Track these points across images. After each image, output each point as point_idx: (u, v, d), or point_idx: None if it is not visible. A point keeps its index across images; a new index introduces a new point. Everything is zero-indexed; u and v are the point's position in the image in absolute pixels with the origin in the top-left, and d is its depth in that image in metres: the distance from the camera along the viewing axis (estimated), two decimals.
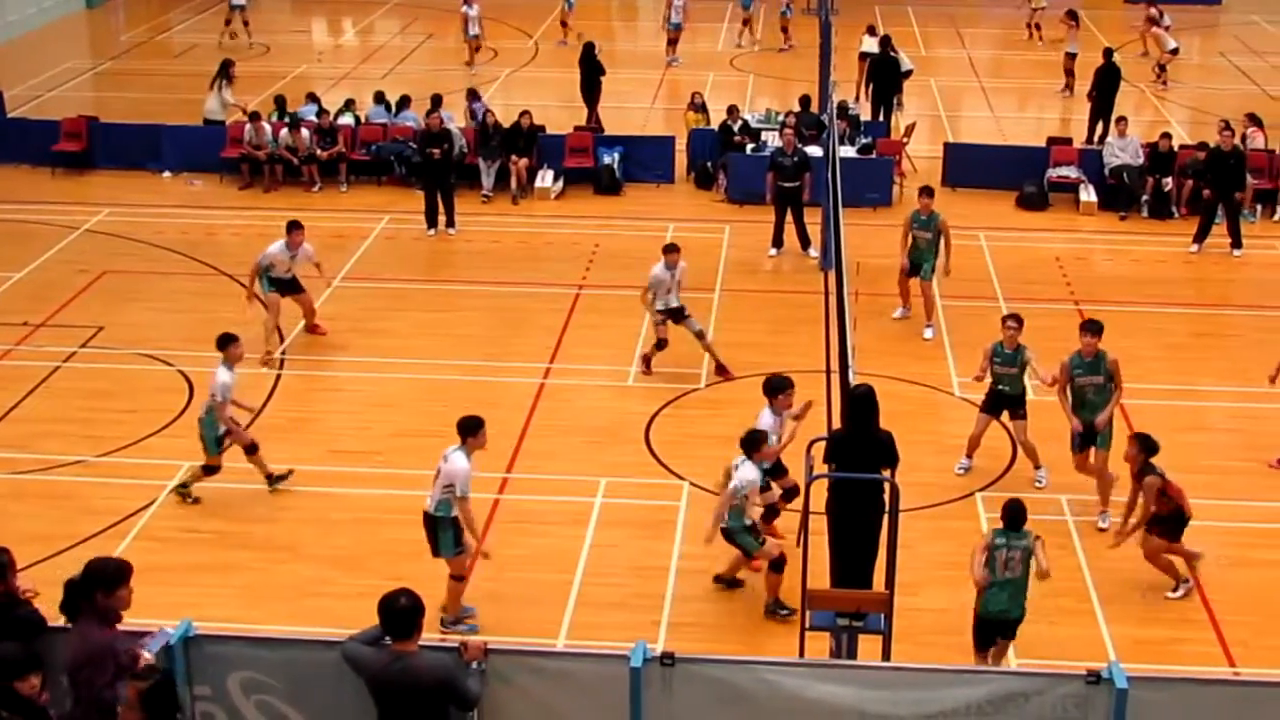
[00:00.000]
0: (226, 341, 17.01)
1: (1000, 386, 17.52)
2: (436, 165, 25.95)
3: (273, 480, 17.41)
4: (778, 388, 15.83)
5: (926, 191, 22.01)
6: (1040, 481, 17.70)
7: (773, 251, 25.00)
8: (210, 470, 17.08)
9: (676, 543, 16.41)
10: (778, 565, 14.80)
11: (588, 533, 16.59)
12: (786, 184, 24.69)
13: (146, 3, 47.46)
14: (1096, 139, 30.26)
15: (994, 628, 13.68)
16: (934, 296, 21.99)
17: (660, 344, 20.24)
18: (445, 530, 14.48)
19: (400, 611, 9.69)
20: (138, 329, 21.67)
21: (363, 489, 17.45)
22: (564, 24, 41.34)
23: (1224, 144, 25.54)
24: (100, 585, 9.92)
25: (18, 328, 21.83)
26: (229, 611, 14.63)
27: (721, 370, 20.38)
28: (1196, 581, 15.58)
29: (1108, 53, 31.97)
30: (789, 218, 24.85)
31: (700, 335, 20.36)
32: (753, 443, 14.84)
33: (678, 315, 20.21)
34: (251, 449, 17.27)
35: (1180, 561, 15.53)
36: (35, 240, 25.45)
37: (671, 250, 20.16)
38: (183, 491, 17.18)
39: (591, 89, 32.27)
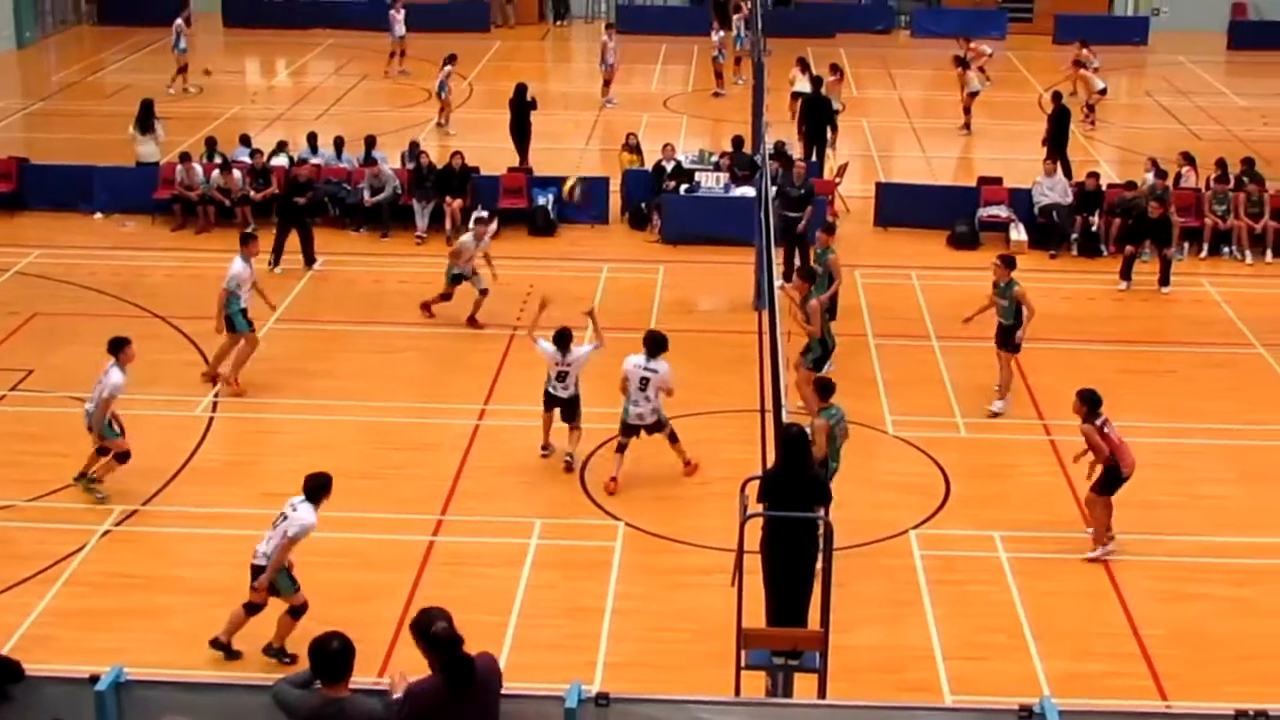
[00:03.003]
0: (120, 345, 17.88)
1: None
2: (300, 209, 26.23)
3: (87, 479, 17.99)
4: None
5: (824, 227, 22.94)
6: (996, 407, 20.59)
7: (781, 283, 24.96)
8: (122, 457, 17.81)
9: (612, 583, 16.43)
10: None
11: (523, 573, 16.57)
12: (790, 213, 25.01)
13: (79, 43, 47.29)
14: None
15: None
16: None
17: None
18: None
19: (332, 655, 9.61)
20: (69, 371, 21.46)
21: None
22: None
23: (1153, 213, 25.81)
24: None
25: None
26: (161, 656, 14.51)
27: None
28: None
29: (1057, 96, 32.48)
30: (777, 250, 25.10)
31: None
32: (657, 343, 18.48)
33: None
34: (121, 457, 17.88)
35: None
36: None
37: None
38: (89, 485, 17.92)
39: (522, 130, 32.24)
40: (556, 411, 19.16)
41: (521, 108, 32.13)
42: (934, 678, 14.82)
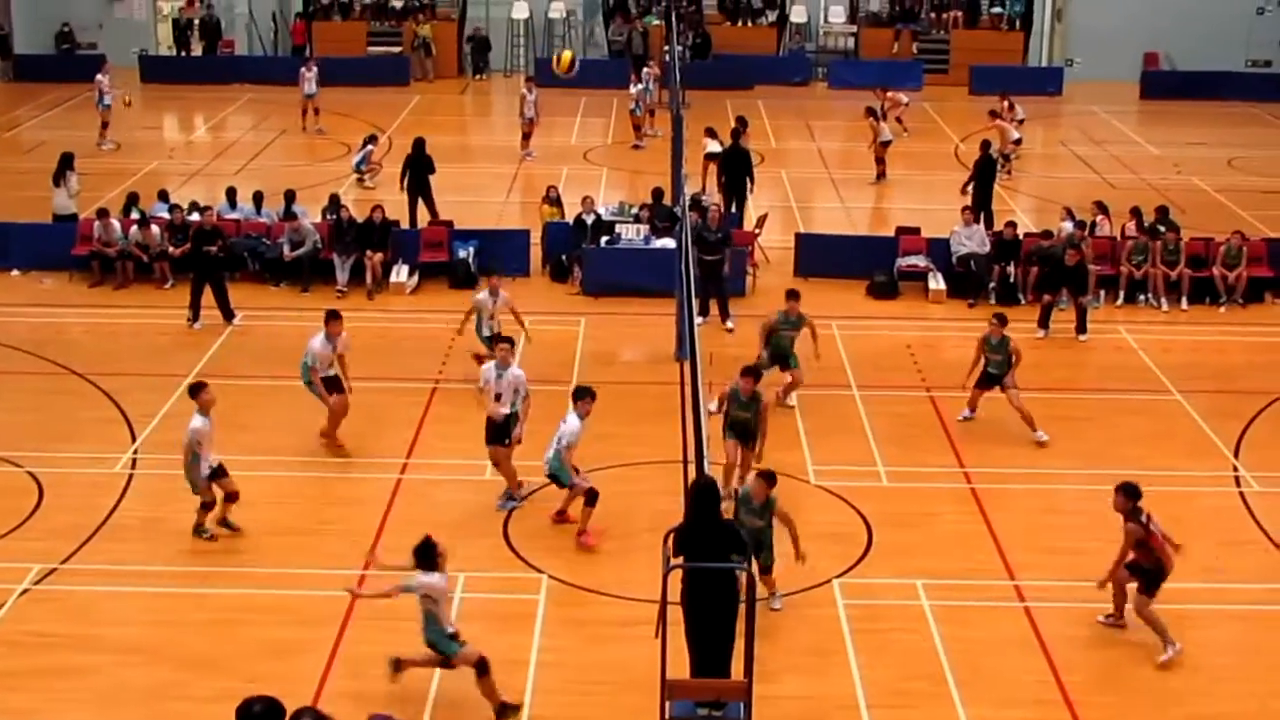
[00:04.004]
0: (197, 389, 18.24)
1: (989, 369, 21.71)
2: (210, 261, 26.09)
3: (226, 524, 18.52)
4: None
5: (793, 295, 22.79)
6: (1042, 437, 21.54)
7: (700, 320, 25.03)
8: (207, 506, 18.30)
9: (536, 636, 16.38)
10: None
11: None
12: (709, 257, 25.70)
13: None
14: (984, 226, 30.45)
15: None
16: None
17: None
18: None
19: (255, 718, 9.49)
20: None
21: (220, 588, 17.22)
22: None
23: (1069, 261, 26.10)
24: None
25: None
26: (81, 716, 14.38)
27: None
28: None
29: (985, 145, 32.86)
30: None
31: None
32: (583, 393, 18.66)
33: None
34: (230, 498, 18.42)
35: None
36: None
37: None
38: (208, 533, 18.37)
39: (423, 187, 31.74)
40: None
41: (419, 163, 31.90)
42: None
